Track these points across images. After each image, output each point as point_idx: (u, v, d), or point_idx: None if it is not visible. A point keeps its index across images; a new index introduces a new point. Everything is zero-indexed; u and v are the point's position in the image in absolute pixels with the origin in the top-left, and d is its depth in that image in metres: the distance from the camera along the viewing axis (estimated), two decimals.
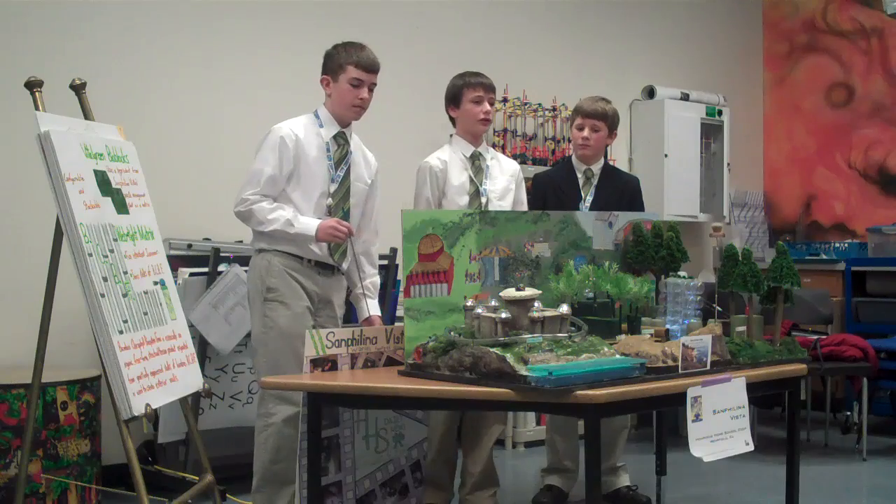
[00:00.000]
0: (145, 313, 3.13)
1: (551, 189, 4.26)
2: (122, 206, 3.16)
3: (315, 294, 3.62)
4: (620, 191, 4.24)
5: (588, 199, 4.19)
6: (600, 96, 4.30)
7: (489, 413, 3.88)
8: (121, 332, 2.95)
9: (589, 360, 2.75)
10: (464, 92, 3.92)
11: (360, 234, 3.78)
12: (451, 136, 4.04)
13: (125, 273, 3.07)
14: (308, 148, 3.60)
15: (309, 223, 3.51)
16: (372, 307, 3.78)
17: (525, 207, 4.08)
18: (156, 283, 3.25)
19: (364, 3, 5.50)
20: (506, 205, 3.95)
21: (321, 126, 3.66)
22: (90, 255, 2.90)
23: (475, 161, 3.96)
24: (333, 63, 3.64)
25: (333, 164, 3.64)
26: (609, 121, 4.20)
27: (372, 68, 3.64)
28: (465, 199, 3.90)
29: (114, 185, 3.14)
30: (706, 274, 6.26)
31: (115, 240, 3.07)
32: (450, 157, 3.95)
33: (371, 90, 3.67)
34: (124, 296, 3.03)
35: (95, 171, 3.06)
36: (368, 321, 3.73)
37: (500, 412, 4.08)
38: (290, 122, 3.64)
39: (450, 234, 3.17)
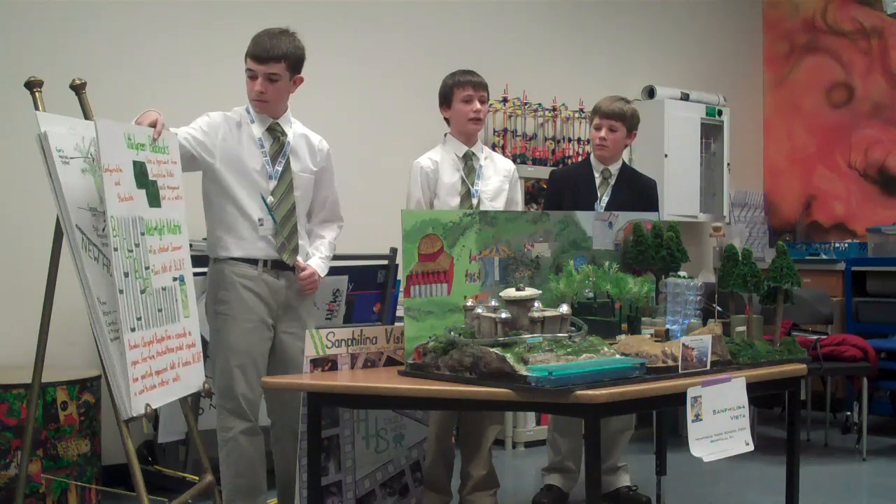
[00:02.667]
0: (160, 310, 3.11)
1: (567, 187, 4.25)
2: (154, 199, 3.12)
3: (274, 302, 3.49)
4: (637, 193, 4.21)
5: (604, 199, 4.18)
6: (620, 96, 4.28)
7: (486, 413, 3.88)
8: (132, 330, 2.93)
9: (589, 360, 2.75)
10: (454, 91, 3.90)
11: (313, 220, 3.67)
12: (444, 135, 4.03)
13: (147, 269, 3.04)
14: (235, 145, 3.47)
15: (201, 124, 3.44)
16: (312, 262, 3.58)
17: (519, 207, 4.06)
18: (175, 280, 3.22)
19: (365, 3, 5.51)
20: (498, 205, 3.92)
21: (252, 121, 3.51)
22: (115, 249, 2.88)
23: (468, 161, 3.94)
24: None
25: (269, 159, 3.49)
26: (627, 121, 4.17)
27: (261, 57, 3.38)
28: (456, 200, 3.88)
29: (150, 177, 3.11)
30: (706, 274, 6.26)
31: (143, 234, 3.04)
32: (441, 158, 3.94)
33: (272, 80, 3.42)
34: (142, 292, 3.01)
35: (135, 162, 3.02)
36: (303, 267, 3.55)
37: (497, 412, 4.08)
38: (223, 113, 3.53)
39: (450, 234, 3.17)
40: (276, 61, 3.41)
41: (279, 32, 3.47)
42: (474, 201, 3.88)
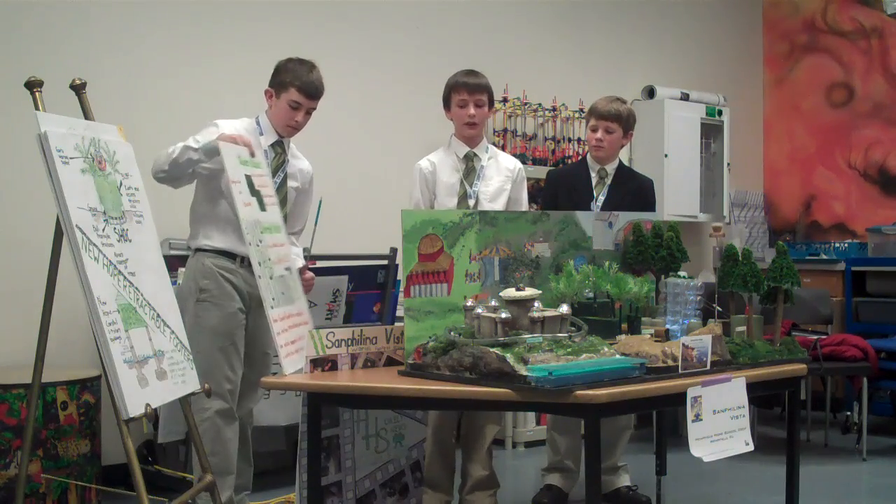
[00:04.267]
0: (283, 293, 3.40)
1: (564, 187, 4.25)
2: (261, 205, 3.48)
3: (248, 294, 3.63)
4: (634, 192, 4.21)
5: (600, 198, 4.17)
6: (616, 97, 4.26)
7: (485, 413, 3.88)
8: (272, 308, 3.25)
9: (589, 360, 2.75)
10: (451, 94, 3.92)
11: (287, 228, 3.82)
12: (451, 136, 4.04)
13: (269, 259, 3.36)
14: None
15: (209, 137, 3.48)
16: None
17: (523, 207, 4.06)
18: (287, 269, 3.51)
19: (365, 3, 5.51)
20: (497, 206, 3.93)
21: (261, 134, 3.70)
22: (248, 244, 3.24)
23: (468, 162, 3.95)
24: (280, 78, 3.69)
25: (270, 171, 3.68)
26: (623, 122, 4.16)
27: (314, 95, 3.68)
28: (454, 201, 3.89)
29: (256, 188, 3.46)
30: (706, 274, 6.25)
31: (261, 232, 3.39)
32: (441, 159, 3.96)
33: (309, 113, 3.71)
34: (270, 278, 3.31)
35: (246, 176, 3.43)
36: (303, 271, 3.75)
37: (496, 413, 4.08)
38: (233, 121, 3.69)
39: (450, 234, 3.17)
40: (320, 97, 3.73)
41: (317, 68, 3.71)
42: (471, 202, 3.88)
